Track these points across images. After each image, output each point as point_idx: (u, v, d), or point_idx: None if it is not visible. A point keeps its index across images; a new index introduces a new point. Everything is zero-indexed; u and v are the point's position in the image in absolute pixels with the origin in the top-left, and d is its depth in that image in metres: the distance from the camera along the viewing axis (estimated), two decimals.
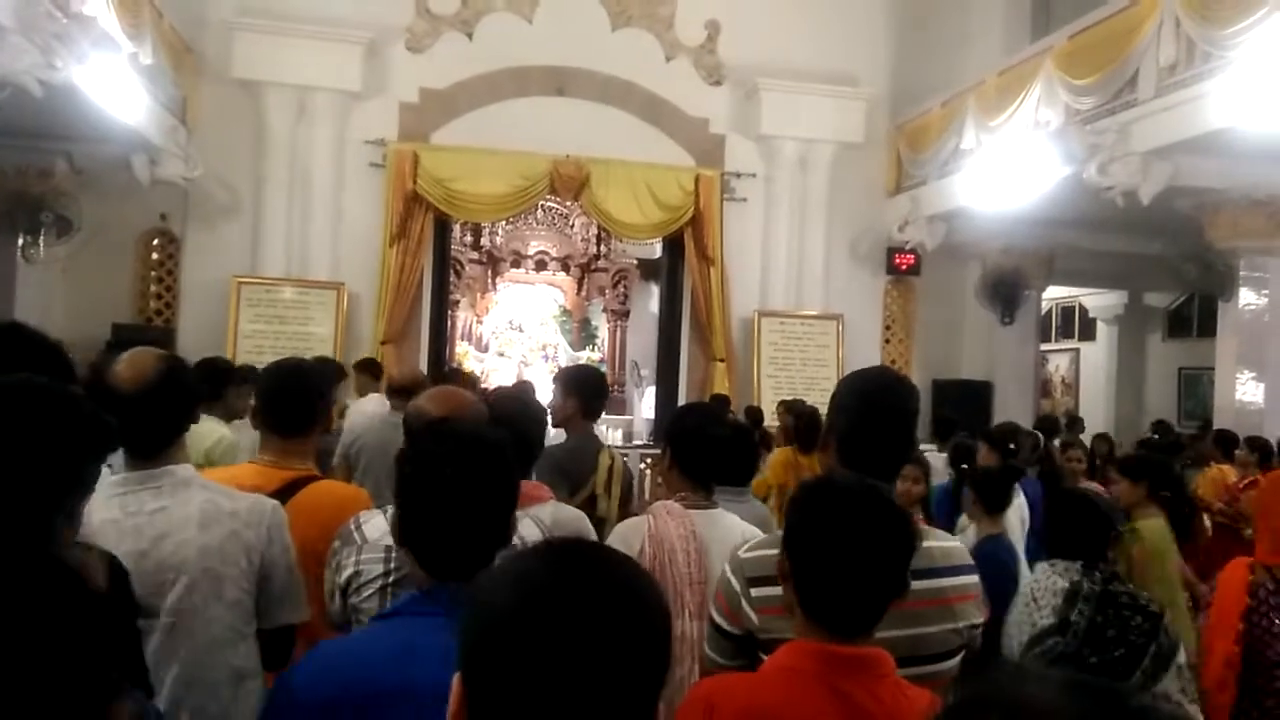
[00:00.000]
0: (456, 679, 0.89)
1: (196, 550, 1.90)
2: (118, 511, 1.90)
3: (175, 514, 1.92)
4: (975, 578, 1.87)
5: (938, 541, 1.87)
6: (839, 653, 1.46)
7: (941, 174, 9.34)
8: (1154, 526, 3.88)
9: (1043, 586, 2.65)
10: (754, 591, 1.77)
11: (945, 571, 1.79)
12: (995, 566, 3.24)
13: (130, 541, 1.86)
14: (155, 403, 1.96)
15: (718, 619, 1.84)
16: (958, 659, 1.78)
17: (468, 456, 1.54)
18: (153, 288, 9.30)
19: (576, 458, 3.04)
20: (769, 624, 1.74)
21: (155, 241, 9.29)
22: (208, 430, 3.72)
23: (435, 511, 1.51)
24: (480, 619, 0.88)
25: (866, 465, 1.82)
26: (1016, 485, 4.27)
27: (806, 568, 1.51)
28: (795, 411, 6.54)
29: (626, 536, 2.39)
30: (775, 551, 1.77)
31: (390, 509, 1.98)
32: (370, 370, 7.23)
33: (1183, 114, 6.41)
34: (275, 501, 2.07)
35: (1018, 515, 4.38)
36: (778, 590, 1.71)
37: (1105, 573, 2.66)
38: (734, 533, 2.33)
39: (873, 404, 1.93)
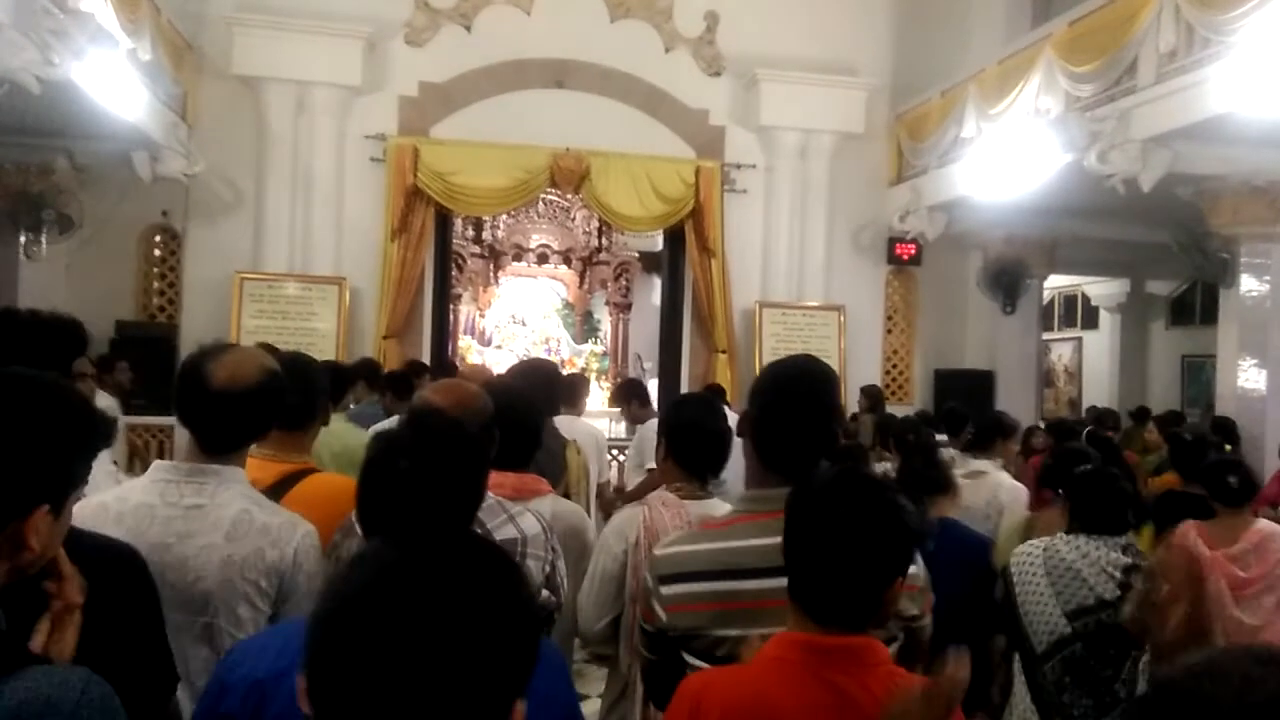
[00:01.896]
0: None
1: (219, 560, 1.87)
2: (156, 498, 1.90)
3: (209, 516, 1.89)
4: (914, 569, 1.81)
5: None
6: (826, 643, 1.44)
7: (942, 163, 9.32)
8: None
9: (1096, 561, 2.84)
10: (664, 589, 1.76)
11: None
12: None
13: (158, 531, 1.85)
14: (239, 408, 1.96)
15: (638, 615, 1.86)
16: (893, 648, 1.75)
17: (427, 448, 1.55)
18: (155, 284, 9.32)
19: (548, 456, 3.02)
20: (676, 620, 1.74)
21: (157, 238, 9.30)
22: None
23: (390, 501, 1.52)
24: (323, 604, 0.84)
25: (779, 456, 1.79)
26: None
27: (800, 561, 1.50)
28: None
29: (622, 528, 2.40)
30: (688, 548, 1.80)
31: None
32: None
33: (1183, 100, 6.39)
34: (311, 526, 2.01)
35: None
36: (687, 587, 1.74)
37: (1134, 548, 2.94)
38: None
39: (784, 393, 1.86)
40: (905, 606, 1.78)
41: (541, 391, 3.26)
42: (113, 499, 1.91)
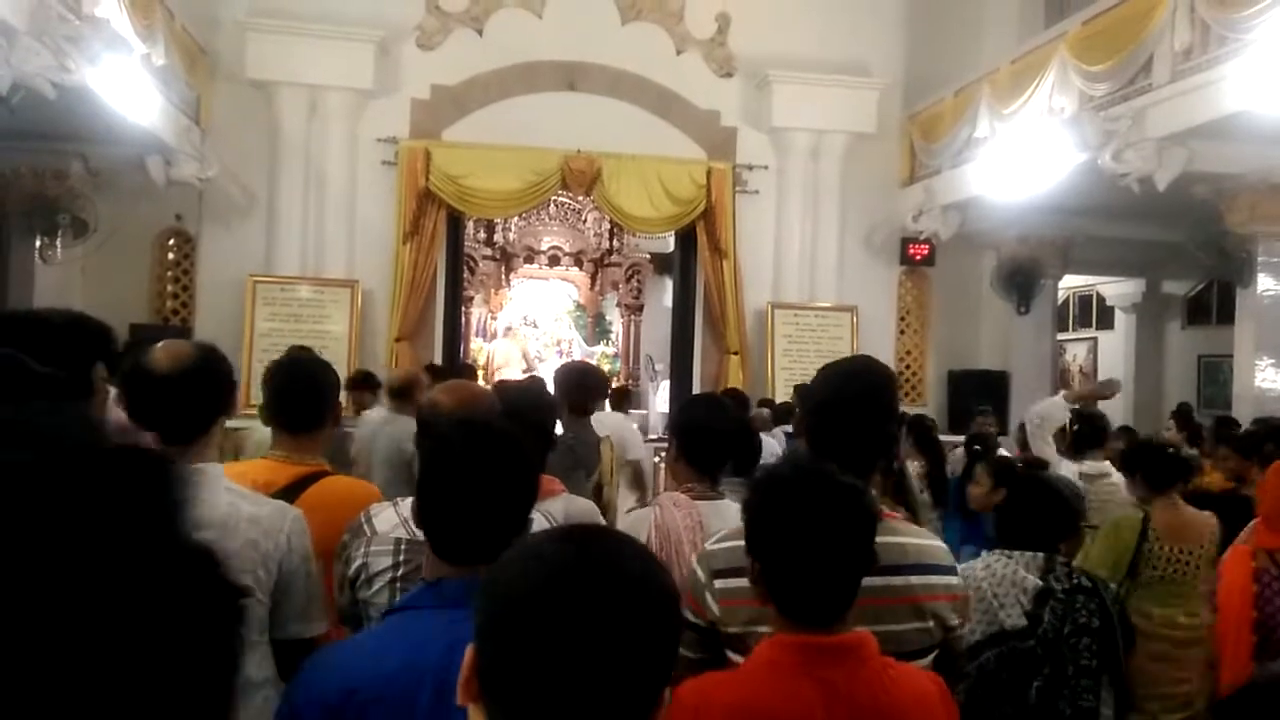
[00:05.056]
0: (470, 650, 0.92)
1: None
2: None
3: (200, 515, 1.86)
4: (954, 579, 1.82)
5: (914, 539, 1.83)
6: (819, 643, 1.46)
7: (955, 163, 9.28)
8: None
9: (1003, 580, 2.50)
10: (718, 583, 1.76)
11: (915, 569, 1.76)
12: None
13: None
14: (190, 387, 1.97)
15: (684, 611, 1.84)
16: (929, 658, 1.76)
17: (488, 446, 1.56)
18: (169, 288, 9.39)
19: (584, 448, 3.09)
20: (729, 615, 1.74)
21: (171, 242, 9.37)
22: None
23: (454, 498, 1.52)
24: (499, 595, 0.91)
25: (835, 456, 1.78)
26: None
27: (772, 565, 1.50)
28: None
29: (633, 528, 2.39)
30: (742, 543, 1.77)
31: (401, 502, 1.99)
32: (366, 384, 7.00)
33: (1198, 98, 6.34)
34: (298, 510, 2.04)
35: None
36: (741, 582, 1.71)
37: (1065, 565, 2.55)
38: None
39: (840, 395, 1.88)
40: (948, 616, 1.78)
41: (575, 391, 3.36)
42: None
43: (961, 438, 6.41)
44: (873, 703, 1.43)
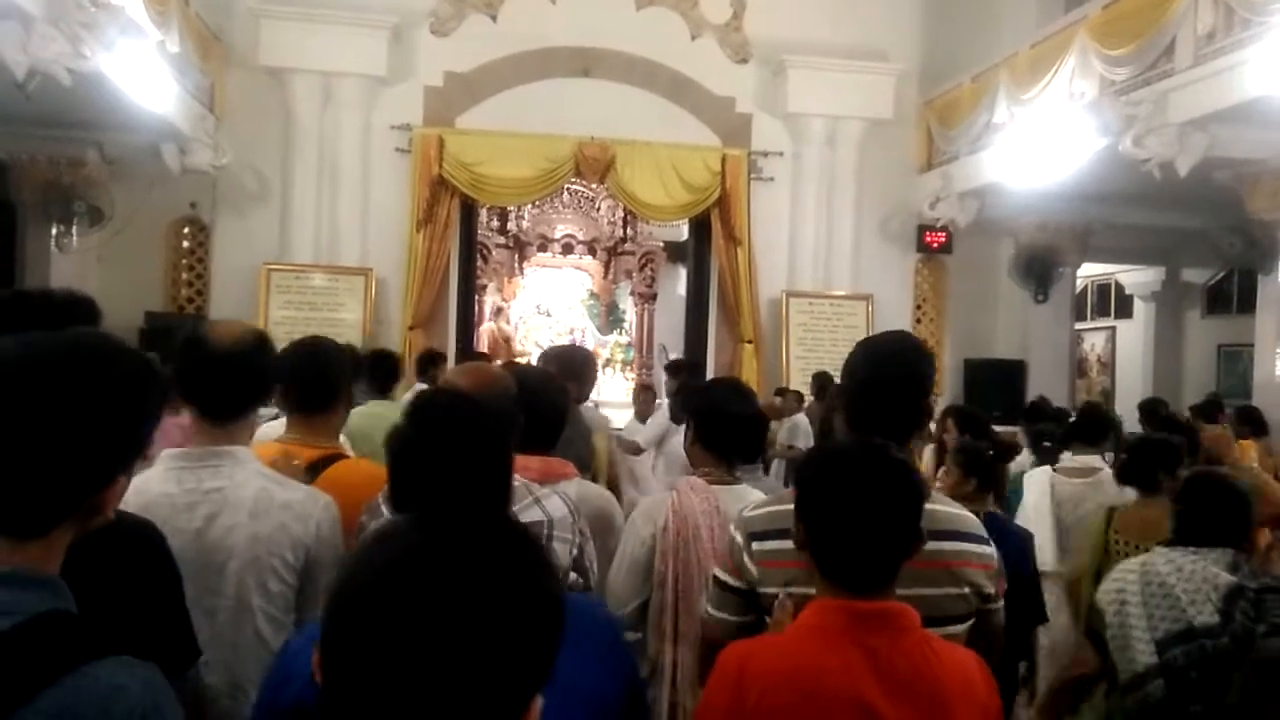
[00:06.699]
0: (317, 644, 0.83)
1: (246, 537, 1.90)
2: (174, 486, 1.91)
3: (230, 496, 1.92)
4: (986, 549, 1.85)
5: (943, 506, 1.87)
6: (862, 608, 1.49)
7: (973, 149, 9.19)
8: None
9: (1193, 577, 2.46)
10: (755, 545, 1.82)
11: (944, 535, 1.79)
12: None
13: (183, 518, 1.87)
14: (243, 366, 2.00)
15: (722, 575, 1.90)
16: (965, 625, 1.78)
17: (454, 425, 1.53)
18: (184, 275, 9.42)
19: (577, 441, 3.04)
20: (767, 576, 1.78)
21: (186, 230, 9.39)
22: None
23: (423, 481, 1.50)
24: (340, 579, 0.83)
25: (872, 430, 1.83)
26: None
27: (818, 529, 1.55)
28: None
29: (651, 512, 2.38)
30: (779, 508, 1.84)
31: None
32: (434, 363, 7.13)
33: (1221, 83, 6.25)
34: (329, 497, 2.05)
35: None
36: (777, 544, 1.77)
37: (1254, 564, 2.52)
38: None
39: (879, 370, 1.94)
40: (983, 584, 1.81)
41: (574, 377, 3.30)
42: (130, 491, 1.91)
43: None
44: (914, 672, 1.45)
